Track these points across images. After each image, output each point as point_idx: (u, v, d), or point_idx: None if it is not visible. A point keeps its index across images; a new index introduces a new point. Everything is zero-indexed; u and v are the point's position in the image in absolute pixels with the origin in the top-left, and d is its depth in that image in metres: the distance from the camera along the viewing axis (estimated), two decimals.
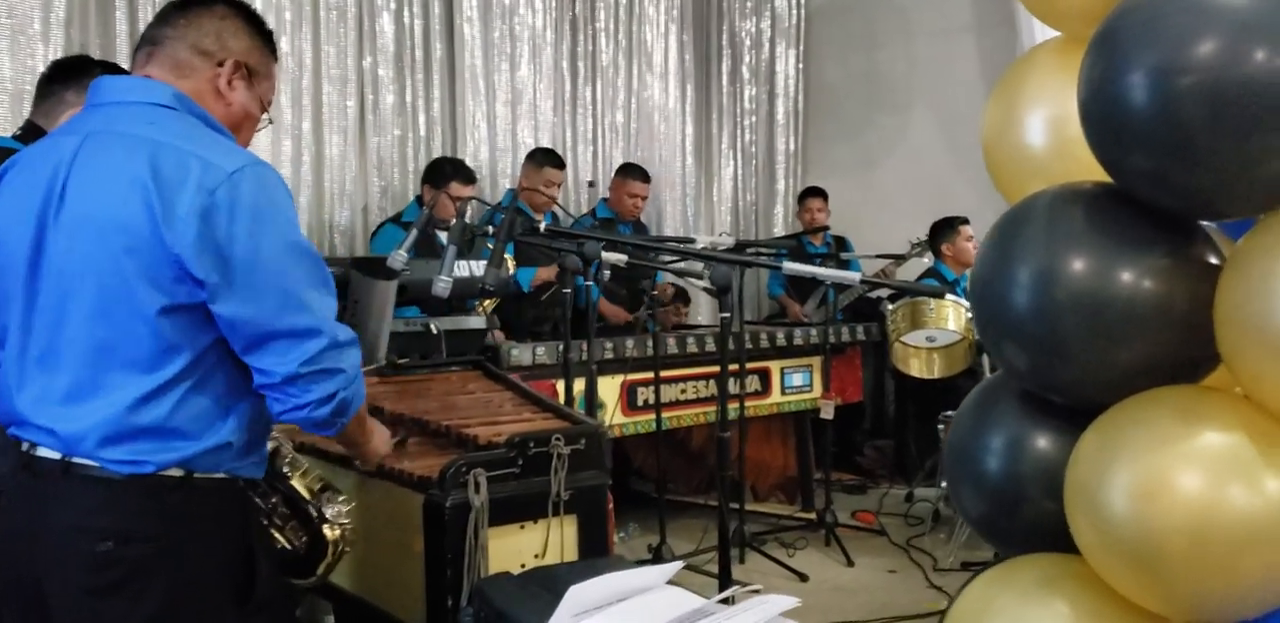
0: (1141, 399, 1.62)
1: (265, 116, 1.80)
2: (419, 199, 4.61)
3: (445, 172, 4.52)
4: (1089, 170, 1.73)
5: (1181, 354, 1.66)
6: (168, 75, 1.67)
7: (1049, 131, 1.92)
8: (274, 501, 1.88)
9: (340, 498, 1.97)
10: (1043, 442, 1.78)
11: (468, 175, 4.56)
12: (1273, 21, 1.48)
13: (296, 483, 1.92)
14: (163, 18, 1.71)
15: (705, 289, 2.81)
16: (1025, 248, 1.71)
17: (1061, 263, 1.66)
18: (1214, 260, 1.68)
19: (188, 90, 1.66)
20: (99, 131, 1.59)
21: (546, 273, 4.71)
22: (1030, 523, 1.78)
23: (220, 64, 1.69)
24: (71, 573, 1.54)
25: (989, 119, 2.05)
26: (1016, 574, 1.72)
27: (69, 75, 2.53)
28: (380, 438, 1.94)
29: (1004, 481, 1.80)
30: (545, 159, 5.07)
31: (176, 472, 1.57)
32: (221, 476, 1.63)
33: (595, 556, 2.41)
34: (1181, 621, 1.63)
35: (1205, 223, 1.75)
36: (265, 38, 1.77)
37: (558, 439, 2.36)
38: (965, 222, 5.48)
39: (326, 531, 1.90)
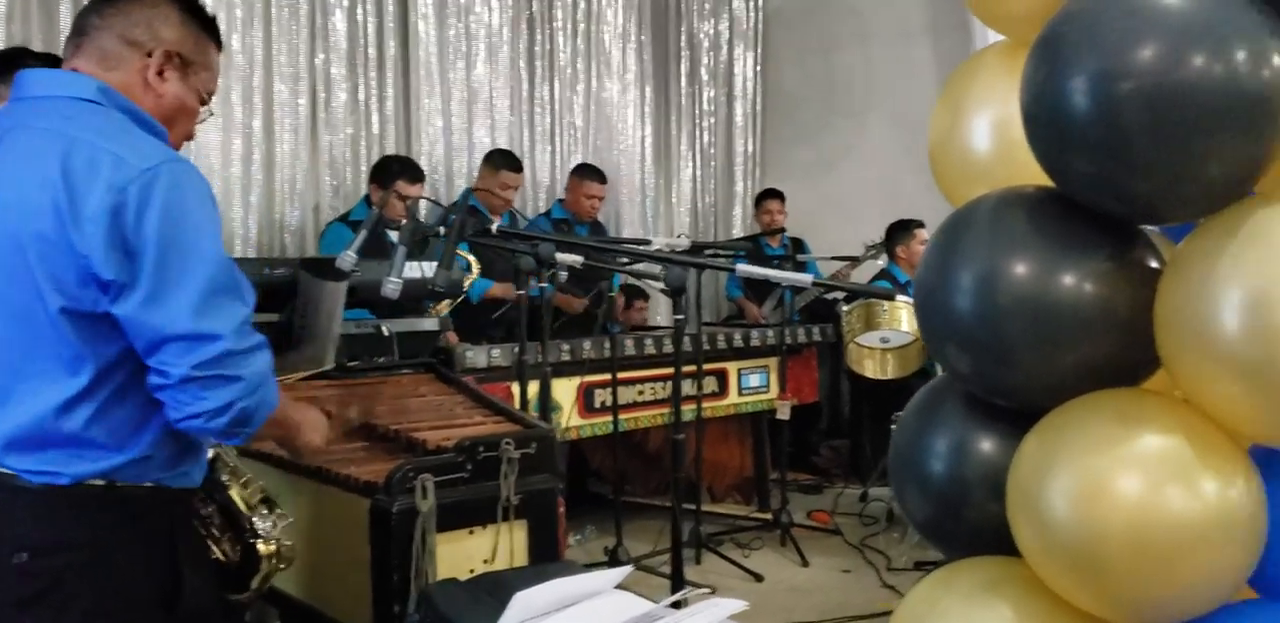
0: (1082, 402, 1.63)
1: (205, 109, 1.73)
2: (367, 199, 4.57)
3: (392, 170, 4.47)
4: (1032, 174, 1.74)
5: (1122, 358, 1.67)
6: (95, 67, 1.61)
7: (993, 135, 1.93)
8: (209, 510, 1.84)
9: (277, 512, 1.92)
10: (987, 445, 1.79)
11: (415, 173, 4.51)
12: (1212, 26, 1.49)
13: (234, 494, 1.88)
14: (92, 6, 1.65)
15: (661, 290, 2.80)
16: (968, 252, 1.71)
17: (1004, 267, 1.66)
18: (1155, 264, 1.69)
19: (115, 83, 1.61)
20: (16, 127, 1.55)
21: (501, 290, 4.66)
22: (974, 526, 1.78)
23: (149, 54, 1.62)
24: None
25: (935, 123, 2.05)
26: (960, 577, 1.73)
27: (3, 68, 2.47)
28: (310, 429, 1.83)
29: (948, 483, 1.80)
30: (502, 162, 5.03)
31: (99, 482, 1.54)
32: (149, 485, 1.59)
33: (546, 560, 2.40)
34: None
35: (1146, 227, 1.76)
36: (204, 26, 1.70)
37: (508, 443, 2.34)
38: (921, 225, 5.52)
39: (260, 545, 1.85)
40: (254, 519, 1.86)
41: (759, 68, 7.33)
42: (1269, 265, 1.45)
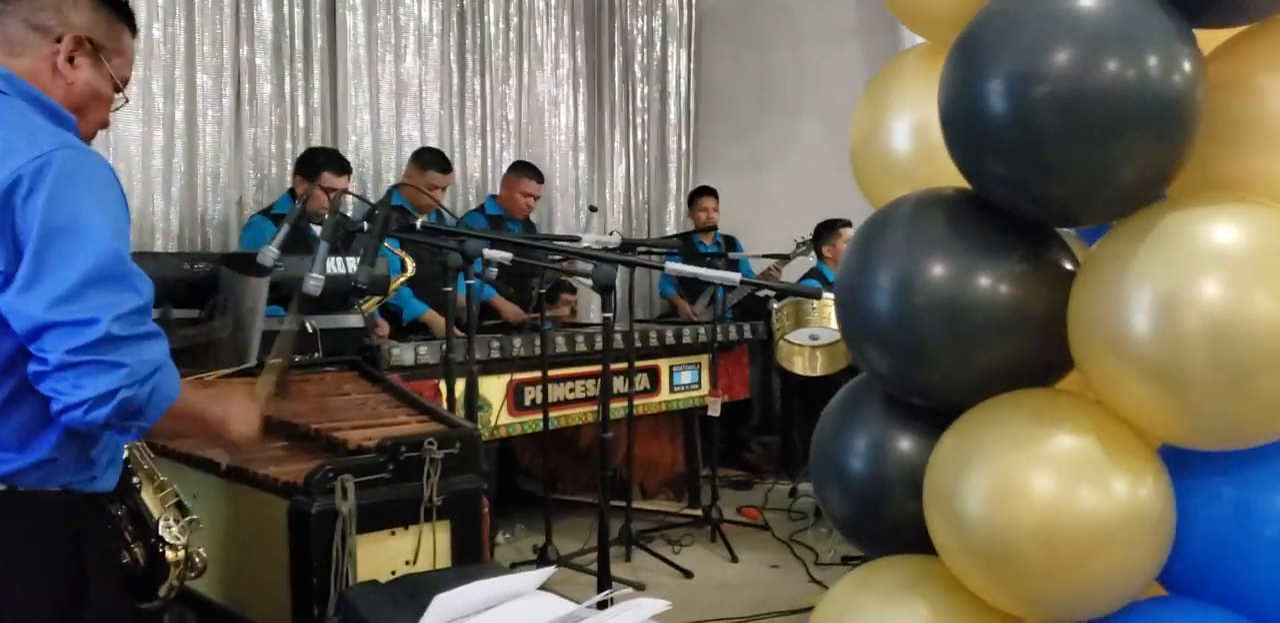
0: (998, 402, 1.65)
1: (120, 96, 1.68)
2: (291, 192, 4.48)
3: (318, 161, 4.37)
4: (952, 176, 1.75)
5: (1037, 358, 1.69)
6: (2, 50, 1.56)
7: (913, 137, 1.94)
8: (120, 513, 1.79)
9: (188, 519, 1.85)
10: (905, 444, 1.80)
11: (341, 165, 4.42)
12: (1126, 31, 1.51)
13: (146, 497, 1.82)
14: None
15: (590, 287, 2.79)
16: (887, 253, 1.73)
17: (921, 268, 1.68)
18: (1069, 266, 1.71)
19: (21, 70, 1.55)
20: None
21: (430, 318, 4.61)
22: (893, 524, 1.80)
23: (58, 40, 1.57)
24: None
25: (857, 124, 2.06)
26: (877, 576, 1.74)
27: None
28: (238, 421, 1.76)
29: (867, 482, 1.82)
30: (431, 161, 4.94)
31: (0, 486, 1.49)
32: (56, 490, 1.54)
33: (469, 561, 2.37)
34: (1035, 621, 1.66)
35: (1061, 229, 1.78)
36: (116, 10, 1.65)
37: (430, 443, 2.32)
38: (848, 225, 5.57)
39: (168, 553, 1.79)
40: (160, 525, 1.80)
41: (692, 65, 7.34)
42: (1178, 269, 1.48)
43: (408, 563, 2.31)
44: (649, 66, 7.13)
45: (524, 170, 5.41)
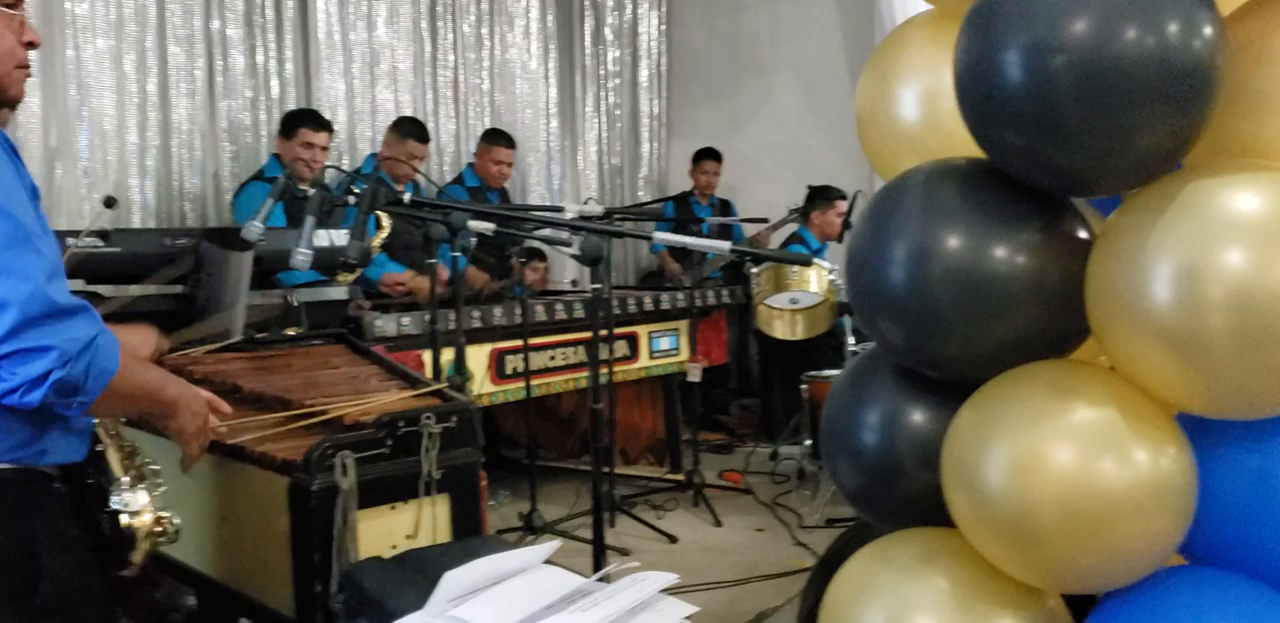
0: (1016, 374, 1.65)
1: (12, 13, 1.54)
2: (276, 156, 4.44)
3: (293, 119, 4.39)
4: (963, 146, 1.74)
5: (1054, 329, 1.69)
6: None
7: (923, 107, 1.92)
8: (90, 483, 1.73)
9: (147, 483, 1.77)
10: (919, 416, 1.80)
11: (318, 121, 4.41)
12: (1143, 1, 1.49)
13: (113, 464, 1.75)
14: None
15: (575, 257, 2.76)
16: (900, 224, 1.71)
17: (936, 239, 1.66)
18: (1085, 236, 1.71)
19: None
20: None
21: (409, 281, 4.57)
22: (908, 497, 1.80)
23: None
24: None
25: (862, 94, 2.04)
26: (895, 550, 1.75)
27: None
28: (188, 411, 1.72)
29: (880, 455, 1.82)
30: (410, 130, 4.93)
31: None
32: (7, 466, 1.51)
33: (468, 534, 2.37)
34: (1056, 591, 1.68)
35: (1076, 199, 1.78)
36: None
37: (428, 418, 2.30)
38: (842, 197, 5.56)
39: (124, 518, 1.71)
40: (112, 492, 1.72)
41: (664, 27, 7.27)
42: (1196, 237, 1.47)
43: (408, 537, 2.30)
44: (620, 29, 7.07)
45: (495, 138, 5.38)
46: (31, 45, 1.59)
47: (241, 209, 4.31)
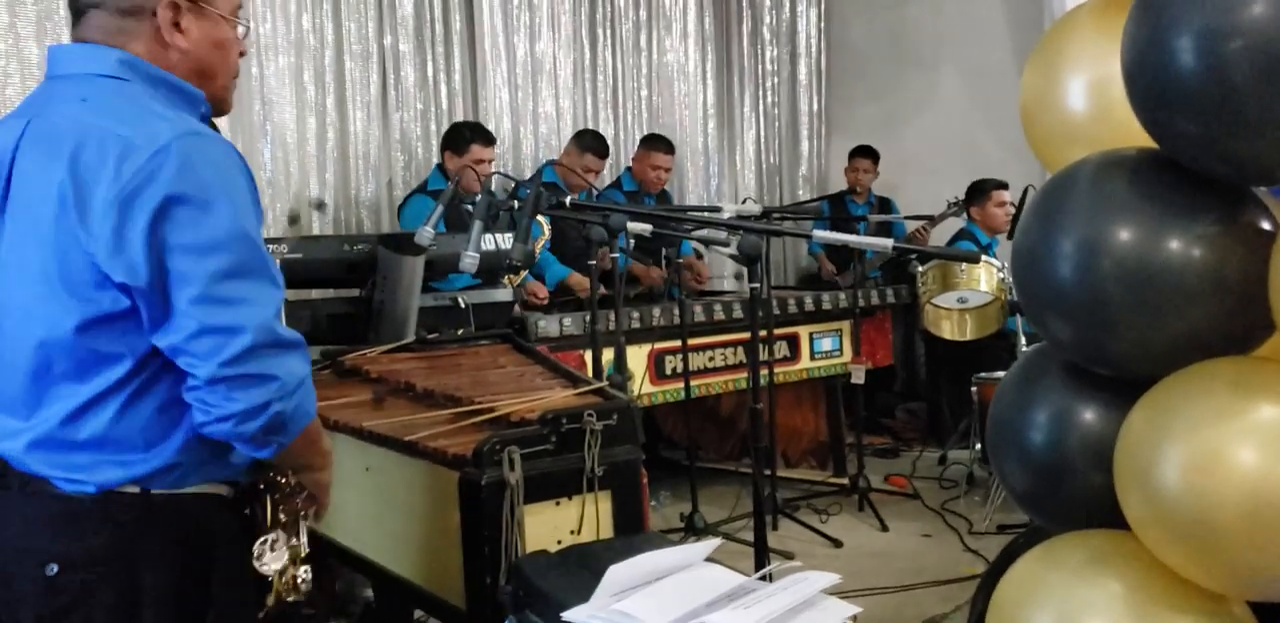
0: (1193, 372, 1.59)
1: (241, 29, 1.57)
2: (440, 167, 4.59)
3: (465, 136, 4.51)
4: (1132, 136, 1.68)
5: (1233, 325, 1.62)
6: (109, 40, 1.48)
7: (1090, 96, 1.86)
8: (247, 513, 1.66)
9: (288, 542, 1.67)
10: (1089, 415, 1.74)
11: (487, 137, 4.54)
12: None
13: (268, 510, 1.67)
14: None
15: (732, 257, 2.78)
16: (1069, 217, 1.66)
17: (1107, 232, 1.61)
18: (1267, 226, 1.63)
19: (138, 52, 1.48)
20: (39, 115, 1.46)
21: (576, 281, 4.66)
22: (1078, 498, 1.75)
23: (154, 14, 1.48)
24: (21, 596, 1.45)
25: (1027, 84, 1.99)
26: (1065, 552, 1.70)
27: None
28: (333, 465, 1.69)
29: (1050, 455, 1.77)
30: (592, 144, 5.06)
31: (132, 489, 1.46)
32: (189, 491, 1.50)
33: (630, 531, 2.40)
34: (1238, 597, 1.60)
35: (1257, 188, 1.70)
36: None
37: (590, 415, 2.34)
38: (1000, 186, 5.40)
39: (263, 568, 1.63)
40: (258, 545, 1.63)
41: (823, 24, 7.21)
42: None
43: (572, 532, 2.34)
44: (777, 28, 7.04)
45: (653, 143, 5.43)
46: (241, 55, 1.63)
47: (407, 220, 4.45)
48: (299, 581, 1.67)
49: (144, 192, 1.36)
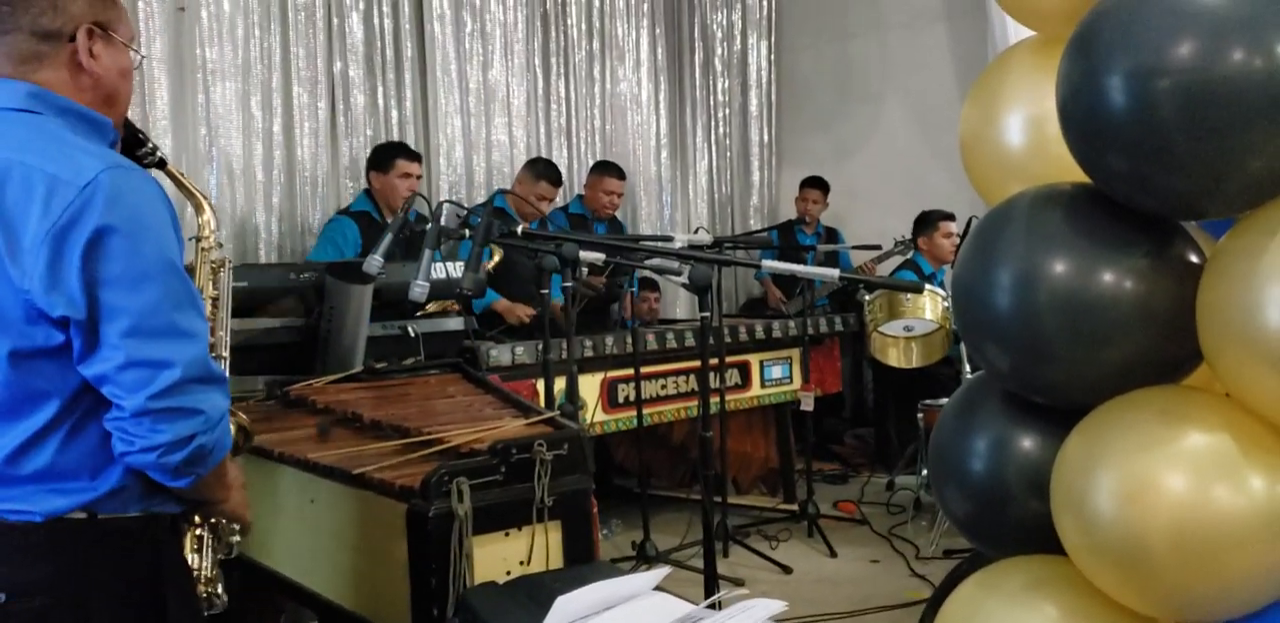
0: (1125, 401, 1.63)
1: (138, 57, 1.58)
2: (367, 191, 4.58)
3: (388, 152, 4.51)
4: (1068, 171, 1.73)
5: (1164, 354, 1.67)
6: (17, 69, 1.46)
7: (1027, 132, 1.91)
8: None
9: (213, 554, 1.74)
10: (1027, 443, 1.78)
11: (410, 152, 4.54)
12: (1249, 22, 1.47)
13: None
14: None
15: (684, 286, 2.80)
16: (1006, 250, 1.71)
17: (1042, 265, 1.66)
18: (1195, 260, 1.68)
19: (47, 81, 1.47)
20: None
21: (504, 307, 4.68)
22: (1016, 524, 1.78)
23: (71, 39, 1.47)
24: None
25: (966, 119, 2.04)
26: (1004, 577, 1.73)
27: None
28: (239, 497, 1.69)
29: (989, 482, 1.80)
30: (545, 172, 5.04)
31: (79, 515, 1.46)
32: (135, 515, 1.50)
33: (581, 560, 2.40)
34: (1169, 621, 1.64)
35: (1187, 222, 1.75)
36: None
37: (540, 445, 2.34)
38: (946, 218, 5.50)
39: None
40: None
41: (773, 56, 7.31)
42: None
43: (522, 563, 2.33)
44: (729, 60, 7.13)
45: (605, 169, 5.47)
46: None
47: (322, 242, 4.41)
48: (217, 600, 1.74)
49: (76, 225, 1.36)
